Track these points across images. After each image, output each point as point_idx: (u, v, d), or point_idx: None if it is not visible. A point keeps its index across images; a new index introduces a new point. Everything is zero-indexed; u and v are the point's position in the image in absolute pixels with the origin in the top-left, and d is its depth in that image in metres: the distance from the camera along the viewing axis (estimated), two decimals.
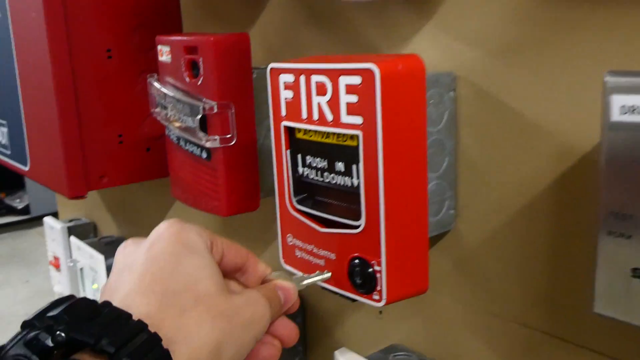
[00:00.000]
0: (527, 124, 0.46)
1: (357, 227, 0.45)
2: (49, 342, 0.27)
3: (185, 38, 0.60)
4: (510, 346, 0.51)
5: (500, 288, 0.50)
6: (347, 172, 0.46)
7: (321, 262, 0.48)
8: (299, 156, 0.50)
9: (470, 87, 0.49)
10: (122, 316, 0.29)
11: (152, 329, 0.29)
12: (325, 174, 0.48)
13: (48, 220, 1.16)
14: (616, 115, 0.34)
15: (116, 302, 0.30)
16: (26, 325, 0.29)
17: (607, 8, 0.40)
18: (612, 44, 0.40)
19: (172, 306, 0.31)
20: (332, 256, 0.48)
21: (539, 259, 0.47)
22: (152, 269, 0.33)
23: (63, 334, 0.27)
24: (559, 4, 0.42)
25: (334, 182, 0.47)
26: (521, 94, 0.46)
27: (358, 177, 0.44)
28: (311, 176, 0.49)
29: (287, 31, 0.66)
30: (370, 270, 0.44)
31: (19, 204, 4.38)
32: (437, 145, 0.50)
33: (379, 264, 0.44)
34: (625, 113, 0.34)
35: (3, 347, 0.28)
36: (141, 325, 0.29)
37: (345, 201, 0.47)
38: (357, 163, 0.44)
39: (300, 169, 0.50)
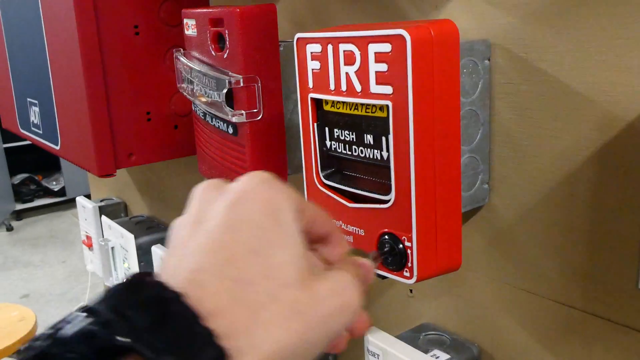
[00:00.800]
0: (567, 92, 0.43)
1: (386, 201, 0.43)
2: (109, 342, 0.24)
3: (210, 10, 0.59)
4: (547, 325, 0.49)
5: (538, 265, 0.48)
6: (377, 145, 0.44)
7: (349, 238, 0.47)
8: (327, 129, 0.48)
9: (506, 55, 0.47)
10: (189, 318, 0.25)
11: (220, 334, 0.25)
12: (354, 147, 0.46)
13: (80, 200, 1.18)
14: None
15: (184, 275, 0.27)
16: (88, 311, 0.25)
17: None
18: None
19: (245, 301, 0.27)
20: (361, 232, 0.46)
21: (579, 234, 0.45)
22: (230, 241, 0.28)
23: (127, 340, 0.23)
24: None
25: (363, 155, 0.46)
26: (560, 61, 0.44)
27: (388, 150, 0.43)
28: (339, 150, 0.48)
29: (314, 3, 0.64)
30: (401, 246, 0.43)
31: (55, 186, 4.48)
32: (470, 116, 0.48)
33: (410, 240, 0.42)
34: None
35: (58, 328, 0.25)
36: (209, 336, 0.25)
37: (375, 175, 0.45)
38: (386, 135, 0.43)
39: (328, 143, 0.48)
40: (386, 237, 0.44)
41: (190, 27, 0.62)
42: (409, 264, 0.43)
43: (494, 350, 0.53)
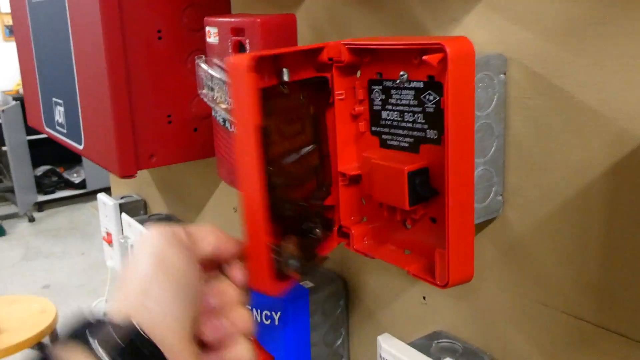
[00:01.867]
0: (581, 108, 0.44)
1: None
2: None
3: (232, 19, 0.60)
4: (559, 338, 0.49)
5: (551, 277, 0.49)
6: None
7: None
8: None
9: (522, 70, 0.47)
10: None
11: None
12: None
13: (101, 197, 1.20)
14: None
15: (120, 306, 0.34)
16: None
17: None
18: None
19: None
20: None
21: (593, 248, 0.45)
22: (128, 289, 0.35)
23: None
24: None
25: None
26: (575, 77, 0.44)
27: None
28: None
29: (333, 11, 0.65)
30: None
31: (76, 178, 4.55)
32: (485, 129, 0.48)
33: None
34: None
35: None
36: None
37: None
38: None
39: None
40: None
41: (212, 35, 0.63)
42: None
43: None
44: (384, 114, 0.46)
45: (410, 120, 0.44)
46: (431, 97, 0.42)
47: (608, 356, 0.46)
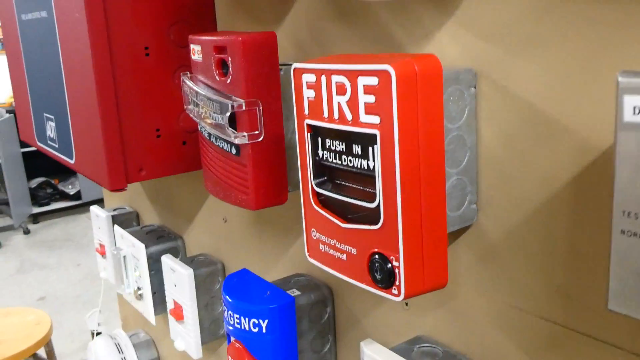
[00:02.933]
0: (546, 120, 0.46)
1: (376, 222, 0.46)
2: None
3: (215, 38, 0.62)
4: (532, 339, 0.51)
5: (522, 282, 0.51)
6: (367, 174, 0.47)
7: (343, 256, 0.50)
8: (321, 152, 0.51)
9: (491, 83, 0.49)
10: None
11: None
12: (343, 156, 0.49)
13: (94, 209, 1.22)
14: (629, 116, 0.34)
15: None
16: None
17: (625, 4, 0.40)
18: (630, 42, 0.40)
19: None
20: (354, 251, 0.49)
21: (559, 253, 0.47)
22: None
23: None
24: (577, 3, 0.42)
25: (352, 165, 0.48)
26: (540, 91, 0.46)
27: (376, 177, 0.46)
28: (330, 159, 0.50)
29: (315, 27, 0.67)
30: (389, 265, 0.46)
31: (71, 190, 4.56)
32: (458, 141, 0.50)
33: (398, 260, 0.45)
34: (638, 114, 0.34)
35: None
36: None
37: (367, 202, 0.48)
38: (375, 160, 0.45)
39: (320, 153, 0.51)
40: (376, 256, 0.47)
41: (196, 53, 0.65)
42: (397, 282, 0.46)
43: None
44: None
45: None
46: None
47: (578, 357, 0.48)
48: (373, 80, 0.44)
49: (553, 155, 0.46)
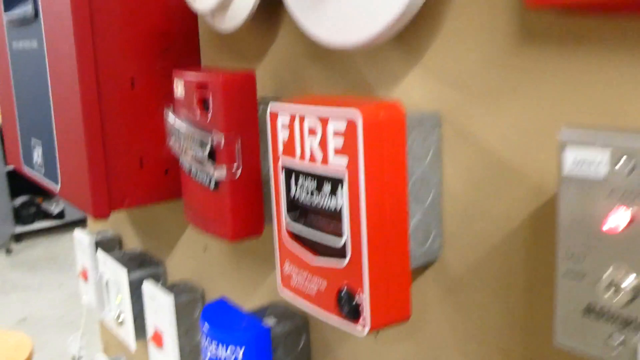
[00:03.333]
0: (503, 164, 0.49)
1: (344, 258, 0.49)
2: None
3: (196, 76, 0.65)
4: None
5: (484, 315, 0.54)
6: (335, 213, 0.50)
7: (314, 290, 0.52)
8: (294, 190, 0.54)
9: (454, 127, 0.53)
10: None
11: None
12: (314, 195, 0.52)
13: (77, 234, 1.23)
14: (569, 168, 0.37)
15: None
16: None
17: (571, 63, 0.43)
18: (575, 98, 0.43)
19: None
20: (323, 285, 0.52)
21: (517, 289, 0.50)
22: None
23: None
24: (529, 55, 0.46)
25: (322, 203, 0.51)
26: (498, 135, 0.49)
27: (343, 217, 0.48)
28: (302, 197, 0.53)
29: (294, 65, 0.70)
30: (356, 300, 0.48)
31: (54, 209, 4.54)
32: (423, 180, 0.53)
33: (363, 294, 0.48)
34: (577, 166, 0.37)
35: None
36: None
37: (333, 235, 0.51)
38: (342, 200, 0.48)
39: (292, 192, 0.54)
40: (344, 291, 0.49)
41: (179, 88, 0.68)
42: (363, 316, 0.48)
43: None
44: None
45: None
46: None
47: None
48: (342, 125, 0.47)
49: (509, 197, 0.49)
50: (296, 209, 0.54)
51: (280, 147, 0.54)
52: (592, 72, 0.42)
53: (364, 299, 0.47)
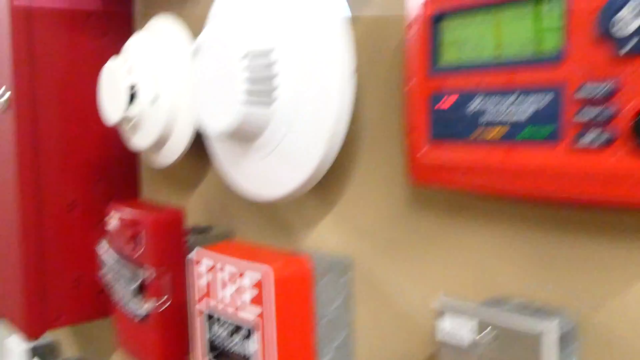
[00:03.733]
0: (401, 309, 0.55)
1: None
2: None
3: (129, 213, 0.69)
4: None
5: None
6: (248, 346, 0.54)
7: None
8: (215, 331, 0.58)
9: (362, 272, 0.58)
10: None
11: None
12: (230, 338, 0.56)
13: (10, 342, 1.21)
14: (442, 334, 0.43)
15: None
16: None
17: (453, 231, 0.50)
18: (455, 264, 0.50)
19: None
20: None
21: None
22: None
23: None
24: (419, 219, 0.52)
25: (237, 347, 0.55)
26: (396, 284, 0.55)
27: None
28: (219, 339, 0.57)
29: (222, 199, 0.75)
30: None
31: None
32: (334, 321, 0.58)
33: None
34: (449, 333, 0.43)
35: None
36: None
37: None
38: (256, 346, 0.52)
39: (212, 332, 0.58)
40: None
41: (113, 222, 0.72)
42: None
43: None
44: None
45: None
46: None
47: None
48: (257, 276, 0.52)
49: (408, 339, 0.54)
50: (215, 350, 0.58)
51: (203, 290, 0.58)
52: (470, 243, 0.49)
53: None
